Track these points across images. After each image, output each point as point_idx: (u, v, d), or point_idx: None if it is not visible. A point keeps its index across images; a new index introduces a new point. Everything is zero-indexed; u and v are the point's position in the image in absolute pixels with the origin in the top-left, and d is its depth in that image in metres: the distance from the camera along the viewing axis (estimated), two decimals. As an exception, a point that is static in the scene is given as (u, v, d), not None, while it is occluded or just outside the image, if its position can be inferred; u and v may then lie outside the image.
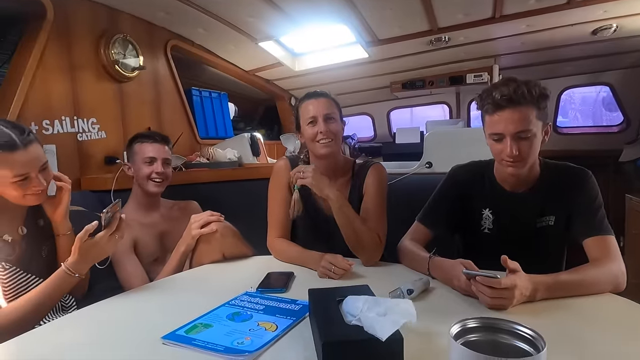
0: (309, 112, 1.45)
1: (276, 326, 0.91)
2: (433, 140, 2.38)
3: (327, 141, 1.43)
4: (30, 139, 1.16)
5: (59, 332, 0.98)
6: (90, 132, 2.08)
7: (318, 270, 1.30)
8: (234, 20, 2.52)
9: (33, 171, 1.16)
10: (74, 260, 1.13)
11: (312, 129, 1.44)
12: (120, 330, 0.96)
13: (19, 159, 1.12)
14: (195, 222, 1.45)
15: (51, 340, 0.93)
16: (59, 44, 1.95)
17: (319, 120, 1.43)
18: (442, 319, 0.94)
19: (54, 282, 1.13)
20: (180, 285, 1.31)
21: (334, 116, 1.46)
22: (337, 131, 1.46)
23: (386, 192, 1.51)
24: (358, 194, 1.51)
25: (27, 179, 1.15)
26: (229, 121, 3.24)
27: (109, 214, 1.15)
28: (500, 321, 0.69)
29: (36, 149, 1.18)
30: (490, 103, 1.18)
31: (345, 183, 1.53)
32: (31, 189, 1.17)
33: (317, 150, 1.46)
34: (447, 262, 1.15)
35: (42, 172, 1.19)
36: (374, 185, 1.49)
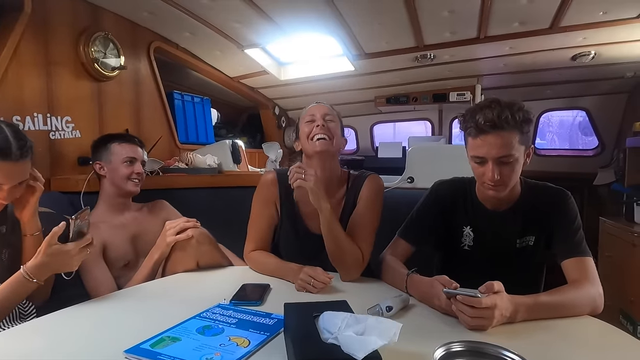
0: (309, 112, 1.44)
1: (249, 341, 0.87)
2: (415, 156, 2.38)
3: (322, 136, 1.37)
4: (25, 154, 1.13)
5: (11, 342, 0.90)
6: (64, 131, 1.99)
7: (296, 283, 1.25)
8: (221, 26, 2.49)
9: (8, 184, 1.11)
10: (36, 263, 1.06)
11: (309, 126, 1.40)
12: (80, 343, 0.90)
13: (5, 169, 1.09)
14: (170, 228, 1.40)
15: (2, 351, 0.85)
16: (36, 38, 1.87)
17: (317, 117, 1.40)
18: (422, 339, 0.92)
19: (11, 286, 1.06)
20: (150, 294, 1.25)
21: (334, 119, 1.43)
22: (335, 132, 1.41)
23: (380, 207, 1.44)
24: (352, 208, 1.44)
25: None
26: (210, 127, 3.18)
27: (77, 220, 1.09)
28: (487, 345, 0.66)
29: (25, 166, 1.14)
30: (473, 126, 1.16)
31: (341, 196, 1.47)
32: None
33: (312, 148, 1.38)
34: (425, 280, 1.12)
35: (14, 187, 1.14)
36: (367, 198, 1.42)
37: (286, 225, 1.46)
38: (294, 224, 1.46)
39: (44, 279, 1.09)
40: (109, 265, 1.57)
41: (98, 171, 1.70)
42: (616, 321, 2.47)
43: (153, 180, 2.07)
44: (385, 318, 0.77)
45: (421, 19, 2.35)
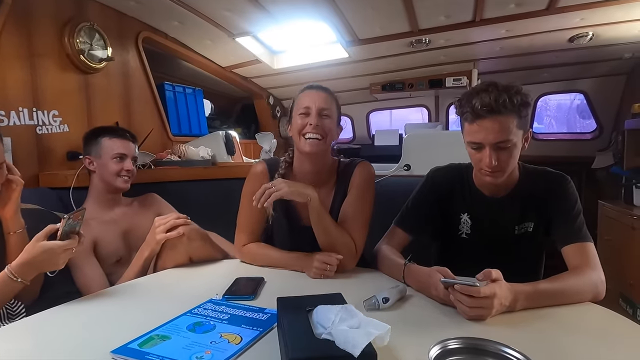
0: (303, 102, 1.33)
1: (240, 338, 0.84)
2: (412, 143, 2.35)
3: (315, 136, 1.29)
4: None
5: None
6: (51, 126, 1.94)
7: (310, 271, 1.25)
8: (210, 14, 2.42)
9: None
10: (20, 262, 1.03)
11: (303, 119, 1.31)
12: (68, 343, 0.87)
13: None
14: (159, 225, 1.35)
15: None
16: (18, 30, 1.81)
17: (312, 112, 1.30)
18: (419, 330, 0.89)
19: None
20: (141, 291, 1.22)
21: (330, 114, 1.34)
22: (330, 130, 1.33)
23: (372, 195, 1.40)
24: (343, 196, 1.40)
25: None
26: (203, 118, 3.13)
27: (70, 220, 1.05)
28: (486, 342, 0.63)
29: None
30: (469, 111, 1.12)
31: (331, 186, 1.43)
32: None
33: (302, 147, 1.32)
34: (423, 270, 1.10)
35: None
36: (357, 186, 1.38)
37: (278, 217, 1.42)
38: (285, 215, 1.42)
39: (29, 278, 1.06)
40: (101, 261, 1.54)
41: (87, 166, 1.66)
42: (616, 305, 2.47)
43: (145, 173, 2.03)
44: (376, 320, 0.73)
45: (415, 2, 2.29)
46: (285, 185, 1.24)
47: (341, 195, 1.41)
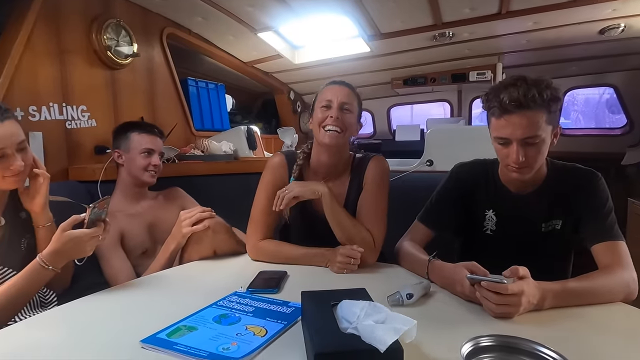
0: (326, 96, 1.36)
1: (266, 330, 0.85)
2: (434, 138, 2.32)
3: (334, 129, 1.32)
4: (6, 115, 1.11)
5: (32, 331, 0.91)
6: (79, 120, 2.00)
7: (334, 265, 1.26)
8: (233, 9, 2.44)
9: (9, 148, 1.10)
10: (50, 250, 1.07)
11: (324, 112, 1.34)
12: (99, 331, 0.89)
13: None
14: (185, 219, 1.38)
15: (23, 340, 0.86)
16: (48, 27, 1.87)
17: (334, 106, 1.33)
18: (445, 327, 0.89)
19: (28, 274, 1.07)
20: (167, 282, 1.24)
21: (351, 109, 1.36)
22: (350, 125, 1.35)
23: (387, 188, 1.41)
24: (357, 190, 1.42)
25: (3, 157, 1.09)
26: (225, 113, 3.16)
27: (95, 209, 1.08)
28: (520, 340, 0.61)
29: (12, 125, 1.12)
30: (496, 106, 1.10)
31: (345, 180, 1.45)
32: (9, 169, 1.11)
33: (321, 138, 1.35)
34: (448, 266, 1.08)
35: (20, 152, 1.13)
36: (372, 180, 1.40)
37: (295, 209, 1.42)
38: (302, 208, 1.42)
39: (60, 266, 1.09)
40: (127, 253, 1.58)
41: (116, 159, 1.69)
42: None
43: (169, 167, 2.07)
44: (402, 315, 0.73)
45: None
46: (296, 185, 1.31)
47: (355, 189, 1.42)
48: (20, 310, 1.12)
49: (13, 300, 1.06)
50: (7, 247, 1.18)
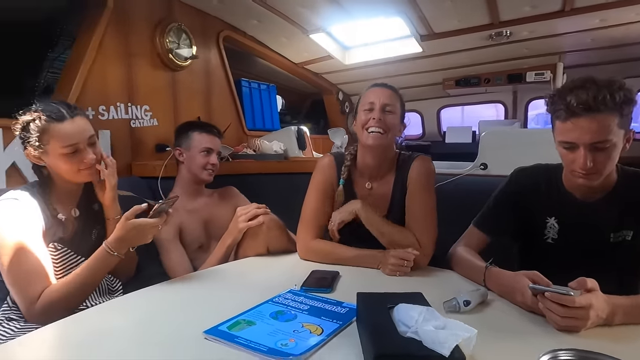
0: (368, 98, 1.38)
1: (322, 329, 0.86)
2: (489, 141, 2.24)
3: (377, 130, 1.34)
4: (77, 112, 1.20)
5: (103, 316, 0.98)
6: (142, 119, 2.12)
7: (386, 268, 1.25)
8: (287, 11, 2.49)
9: (81, 142, 1.18)
10: (115, 237, 1.14)
11: (367, 115, 1.36)
12: (164, 320, 0.95)
13: (67, 128, 1.16)
14: (241, 214, 1.43)
15: (94, 325, 0.92)
16: (118, 32, 2.00)
17: (376, 108, 1.35)
18: (505, 337, 0.86)
19: (96, 260, 1.14)
20: (224, 277, 1.29)
21: (394, 110, 1.37)
22: (392, 125, 1.36)
23: (433, 189, 1.40)
24: (401, 189, 1.41)
25: (76, 152, 1.18)
26: (276, 113, 3.23)
27: (163, 204, 1.15)
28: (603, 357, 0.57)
29: (82, 121, 1.21)
30: (563, 109, 1.04)
31: (389, 179, 1.44)
32: (82, 162, 1.19)
33: (365, 140, 1.37)
34: (507, 274, 1.05)
35: (90, 146, 1.22)
36: (417, 181, 1.39)
37: None
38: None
39: (123, 252, 1.16)
40: (185, 247, 1.65)
41: (177, 157, 1.78)
42: None
43: (223, 166, 2.13)
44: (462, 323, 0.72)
45: (499, -8, 2.19)
46: (337, 214, 1.37)
47: (400, 188, 1.41)
48: (90, 294, 1.20)
49: (83, 284, 1.13)
50: (81, 236, 1.27)
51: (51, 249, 1.17)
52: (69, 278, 1.13)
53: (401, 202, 1.41)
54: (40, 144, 1.15)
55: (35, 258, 1.09)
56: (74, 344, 0.85)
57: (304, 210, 1.47)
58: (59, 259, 1.19)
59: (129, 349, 0.81)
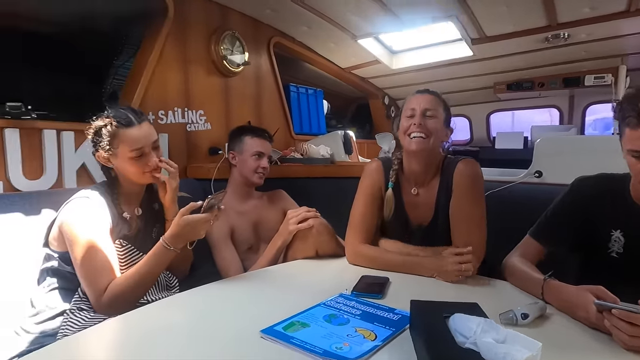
0: (409, 105, 1.39)
1: (375, 335, 0.87)
2: (545, 148, 2.15)
3: (419, 135, 1.33)
4: (143, 118, 1.29)
5: (163, 312, 1.03)
6: (197, 123, 2.21)
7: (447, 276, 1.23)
8: (337, 17, 2.52)
9: (147, 146, 1.27)
10: (171, 233, 1.20)
11: (408, 121, 1.37)
12: (220, 317, 0.99)
13: (134, 133, 1.25)
14: (292, 217, 1.46)
15: (155, 320, 0.98)
16: (177, 40, 2.10)
17: (417, 113, 1.35)
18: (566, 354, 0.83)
19: (155, 254, 1.21)
20: (275, 278, 1.32)
21: (435, 114, 1.36)
22: (435, 130, 1.35)
23: (479, 192, 1.36)
24: (446, 194, 1.38)
25: (142, 155, 1.26)
26: (322, 118, 3.27)
27: (212, 199, 1.21)
28: None
29: (148, 127, 1.30)
30: (633, 115, 0.99)
31: (434, 184, 1.42)
32: (147, 165, 1.27)
33: (407, 145, 1.37)
34: (569, 288, 1.00)
35: (154, 150, 1.30)
36: (461, 185, 1.35)
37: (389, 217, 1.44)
38: (396, 213, 1.43)
39: (179, 247, 1.22)
40: (235, 247, 1.71)
41: (231, 160, 1.84)
42: None
43: (272, 169, 2.18)
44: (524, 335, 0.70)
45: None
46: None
47: (444, 193, 1.39)
48: (150, 288, 1.27)
49: (144, 277, 1.20)
50: (143, 234, 1.35)
51: (117, 245, 1.25)
52: (131, 272, 1.20)
53: (446, 208, 1.38)
54: (110, 148, 1.23)
55: (104, 253, 1.17)
56: (137, 336, 0.91)
57: (352, 214, 1.47)
58: (123, 255, 1.27)
59: (188, 344, 0.85)
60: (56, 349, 0.87)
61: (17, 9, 2.01)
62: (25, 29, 2.17)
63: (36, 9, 2.06)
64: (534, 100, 3.83)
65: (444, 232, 1.37)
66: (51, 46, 2.24)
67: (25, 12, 2.06)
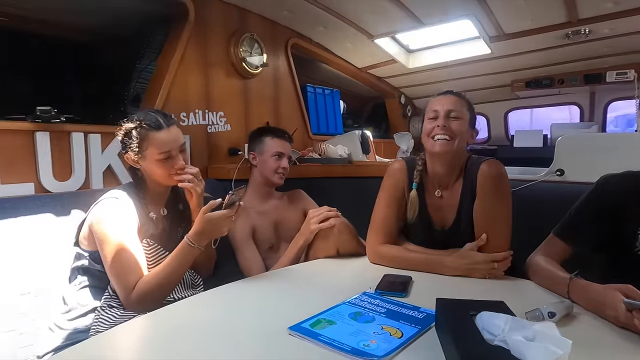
0: (432, 106, 1.37)
1: (401, 333, 0.87)
2: (566, 145, 2.12)
3: (443, 137, 1.31)
4: (172, 122, 1.33)
5: (189, 310, 1.05)
6: (218, 125, 2.25)
7: (478, 271, 1.24)
8: (354, 17, 2.53)
9: (174, 149, 1.30)
10: (195, 231, 1.23)
11: (431, 123, 1.35)
12: (246, 314, 1.01)
13: (163, 137, 1.28)
14: (314, 216, 1.48)
15: (182, 317, 1.00)
16: (197, 44, 2.14)
17: (440, 115, 1.33)
18: (595, 353, 0.82)
19: (179, 252, 1.24)
20: (298, 277, 1.34)
21: (459, 116, 1.34)
22: (459, 132, 1.33)
23: (504, 194, 1.33)
24: (469, 196, 1.36)
25: (169, 158, 1.29)
26: (339, 118, 3.28)
27: (233, 195, 1.24)
28: None
29: (176, 130, 1.33)
30: None
31: (457, 187, 1.40)
32: (173, 167, 1.31)
33: (431, 147, 1.35)
34: (597, 287, 1.00)
35: (181, 153, 1.33)
36: (486, 187, 1.32)
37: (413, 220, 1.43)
38: (419, 215, 1.42)
39: (203, 244, 1.25)
40: (257, 247, 1.73)
41: (251, 161, 1.87)
42: None
43: (291, 169, 2.20)
44: (556, 330, 0.70)
45: (578, -10, 2.08)
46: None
47: (468, 195, 1.36)
48: (176, 286, 1.30)
49: (170, 274, 1.23)
50: (168, 234, 1.39)
51: (144, 244, 1.29)
52: (158, 270, 1.24)
53: (470, 211, 1.36)
54: (139, 150, 1.27)
55: (133, 252, 1.20)
56: (166, 333, 0.93)
57: (374, 215, 1.47)
58: (150, 253, 1.30)
59: (218, 340, 0.87)
60: (91, 345, 0.91)
61: (46, 17, 2.08)
62: (53, 36, 2.24)
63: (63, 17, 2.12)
64: (553, 97, 3.78)
65: (467, 234, 1.36)
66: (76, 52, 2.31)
67: (53, 20, 2.13)
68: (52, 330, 1.22)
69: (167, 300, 1.22)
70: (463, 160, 1.42)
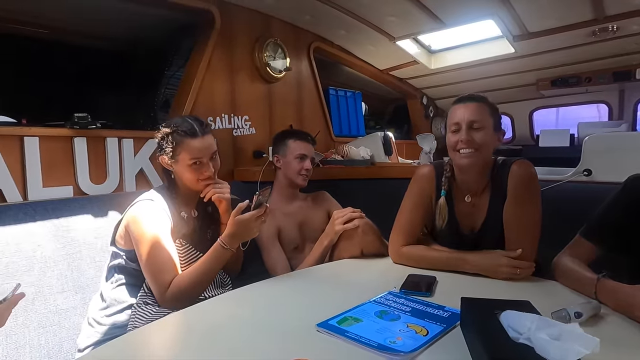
0: (453, 118, 1.33)
1: (427, 331, 0.89)
2: (594, 145, 2.08)
3: (467, 152, 1.30)
4: (207, 130, 1.38)
5: (220, 307, 1.10)
6: (243, 128, 2.31)
7: (499, 273, 1.25)
8: (375, 20, 2.56)
9: (205, 157, 1.36)
10: (227, 233, 1.28)
11: (454, 136, 1.32)
12: (275, 312, 1.05)
13: (197, 144, 1.34)
14: (338, 217, 1.51)
15: (214, 315, 1.04)
16: (223, 50, 2.21)
17: (462, 128, 1.30)
18: (623, 354, 0.83)
19: (213, 254, 1.29)
20: (323, 277, 1.37)
21: (483, 124, 1.30)
22: (484, 142, 1.29)
23: (534, 195, 1.31)
24: (499, 198, 1.34)
25: (200, 164, 1.35)
26: (361, 120, 3.30)
27: (260, 196, 1.28)
28: None
29: (210, 139, 1.39)
30: None
31: (486, 193, 1.38)
32: (203, 173, 1.36)
33: (457, 161, 1.34)
34: (625, 288, 0.99)
35: (212, 160, 1.39)
36: (517, 188, 1.30)
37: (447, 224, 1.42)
38: (448, 221, 1.41)
39: (235, 247, 1.30)
40: (282, 247, 1.77)
41: (275, 163, 1.91)
42: None
43: (314, 171, 2.24)
44: (581, 330, 0.71)
45: (604, -13, 2.04)
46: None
47: (498, 199, 1.34)
48: (208, 285, 1.35)
49: (203, 274, 1.28)
50: (199, 235, 1.44)
51: (177, 244, 1.34)
52: (192, 269, 1.29)
53: (499, 213, 1.34)
54: (173, 154, 1.33)
55: (168, 251, 1.26)
56: (200, 329, 0.97)
57: (398, 218, 1.47)
58: (183, 253, 1.35)
59: (249, 336, 0.91)
60: (129, 339, 0.97)
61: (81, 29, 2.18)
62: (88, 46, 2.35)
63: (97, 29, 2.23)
64: (580, 96, 3.70)
65: (495, 236, 1.34)
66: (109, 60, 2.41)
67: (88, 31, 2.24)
68: (91, 326, 1.28)
69: (198, 299, 1.27)
70: (490, 164, 1.40)
